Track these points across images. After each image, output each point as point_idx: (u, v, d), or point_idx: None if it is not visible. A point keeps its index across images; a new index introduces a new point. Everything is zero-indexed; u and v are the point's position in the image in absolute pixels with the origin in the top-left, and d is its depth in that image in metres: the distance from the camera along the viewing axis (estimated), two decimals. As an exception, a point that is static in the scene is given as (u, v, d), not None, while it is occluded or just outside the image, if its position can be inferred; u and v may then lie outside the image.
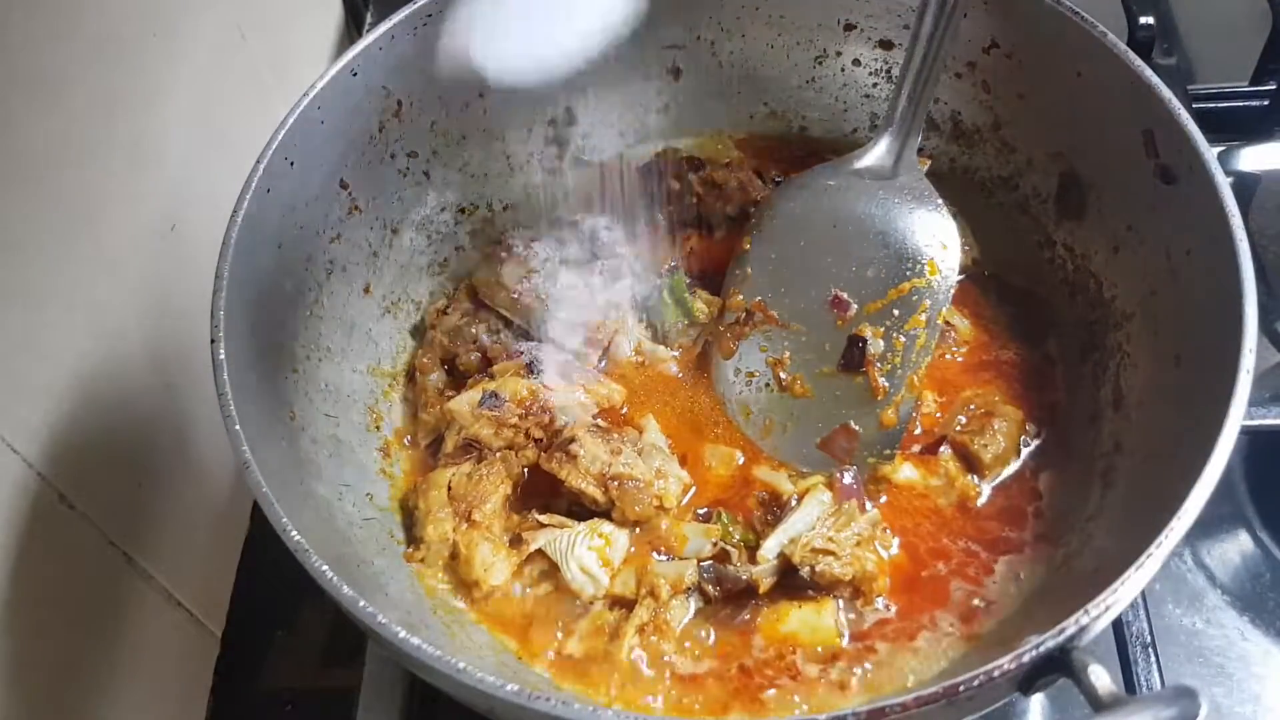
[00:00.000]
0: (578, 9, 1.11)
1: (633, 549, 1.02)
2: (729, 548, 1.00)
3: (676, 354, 1.16)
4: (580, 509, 1.03)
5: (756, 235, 1.15)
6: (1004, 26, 1.13)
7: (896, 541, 1.01)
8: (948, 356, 1.13)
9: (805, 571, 0.95)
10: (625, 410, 1.12)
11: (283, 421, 0.99)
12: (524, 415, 1.06)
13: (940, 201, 1.11)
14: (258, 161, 1.00)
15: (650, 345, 1.16)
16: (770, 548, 0.98)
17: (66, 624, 1.02)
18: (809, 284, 1.12)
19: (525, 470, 1.06)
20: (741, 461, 1.09)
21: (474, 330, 1.14)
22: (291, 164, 1.03)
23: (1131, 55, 1.01)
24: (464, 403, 1.06)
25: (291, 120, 1.03)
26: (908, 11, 1.19)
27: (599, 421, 1.08)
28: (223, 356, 0.89)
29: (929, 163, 1.21)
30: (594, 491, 1.01)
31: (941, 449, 1.07)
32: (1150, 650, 1.02)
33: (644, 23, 1.24)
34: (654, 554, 1.01)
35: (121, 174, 1.09)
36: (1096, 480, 1.02)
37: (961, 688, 0.71)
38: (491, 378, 1.10)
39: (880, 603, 0.98)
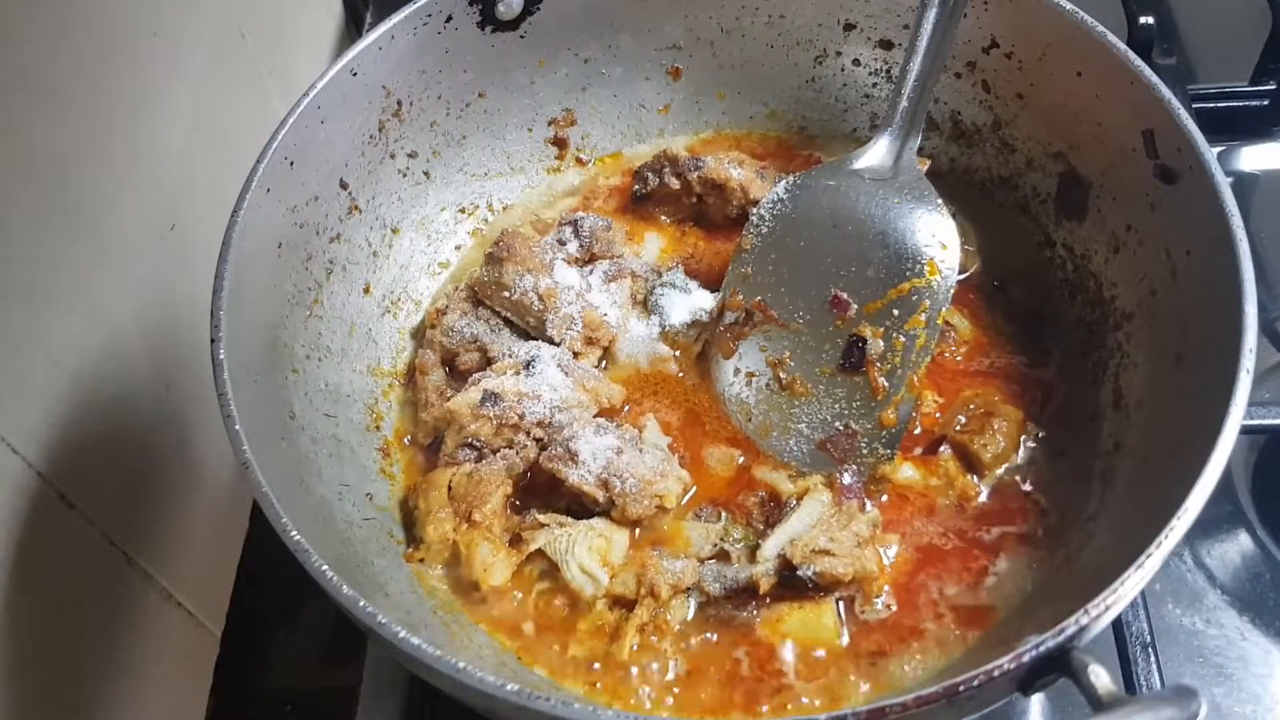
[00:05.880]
0: None
1: (633, 549, 1.02)
2: (729, 548, 1.00)
3: (677, 354, 1.16)
4: (580, 509, 1.03)
5: (756, 235, 1.15)
6: (1004, 26, 1.13)
7: (896, 541, 1.01)
8: (947, 356, 1.13)
9: (805, 571, 0.95)
10: (625, 410, 1.12)
11: (283, 421, 0.99)
12: (523, 415, 1.05)
13: (940, 201, 1.11)
14: (258, 161, 1.00)
15: (651, 345, 1.16)
16: (770, 548, 0.98)
17: (66, 624, 1.02)
18: (809, 284, 1.12)
19: (525, 470, 1.06)
20: (741, 461, 1.08)
21: (474, 330, 1.14)
22: (291, 164, 1.03)
23: (1131, 55, 1.01)
24: (464, 403, 1.06)
25: (291, 120, 1.03)
26: (908, 11, 1.19)
27: (599, 421, 1.08)
28: (223, 356, 0.89)
29: (929, 163, 1.21)
30: (594, 491, 1.01)
31: (941, 449, 1.07)
32: (1150, 650, 1.02)
33: (644, 23, 1.25)
34: (654, 554, 1.00)
35: (121, 174, 1.09)
36: (1096, 480, 1.02)
37: (961, 688, 0.71)
38: (492, 377, 1.10)
39: (880, 603, 0.98)
